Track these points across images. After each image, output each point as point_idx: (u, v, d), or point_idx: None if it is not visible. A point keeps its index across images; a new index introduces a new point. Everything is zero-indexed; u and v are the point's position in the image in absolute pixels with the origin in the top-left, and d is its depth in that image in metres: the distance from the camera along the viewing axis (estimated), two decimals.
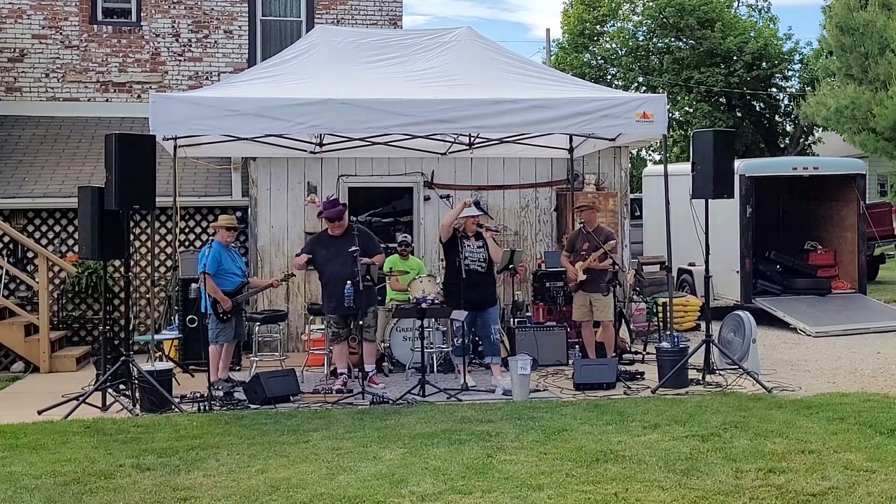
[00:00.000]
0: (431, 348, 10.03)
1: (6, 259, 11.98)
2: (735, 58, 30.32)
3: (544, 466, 6.12)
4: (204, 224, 12.55)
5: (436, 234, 12.28)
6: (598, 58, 33.34)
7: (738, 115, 31.73)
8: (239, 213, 12.32)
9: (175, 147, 9.93)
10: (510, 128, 9.51)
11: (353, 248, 8.94)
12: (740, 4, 34.75)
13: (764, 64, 30.87)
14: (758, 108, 32.58)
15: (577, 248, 10.13)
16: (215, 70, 14.81)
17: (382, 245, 11.67)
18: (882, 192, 31.07)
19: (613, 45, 33.33)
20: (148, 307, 11.80)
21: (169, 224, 12.36)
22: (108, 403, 8.42)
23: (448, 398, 8.60)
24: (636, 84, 32.28)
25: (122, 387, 8.63)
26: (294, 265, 9.21)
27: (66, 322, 12.07)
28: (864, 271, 14.64)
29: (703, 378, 9.20)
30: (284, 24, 15.22)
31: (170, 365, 9.19)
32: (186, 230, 12.60)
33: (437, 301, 9.90)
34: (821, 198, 15.17)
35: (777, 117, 33.06)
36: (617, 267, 9.84)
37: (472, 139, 11.53)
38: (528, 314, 11.29)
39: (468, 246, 9.51)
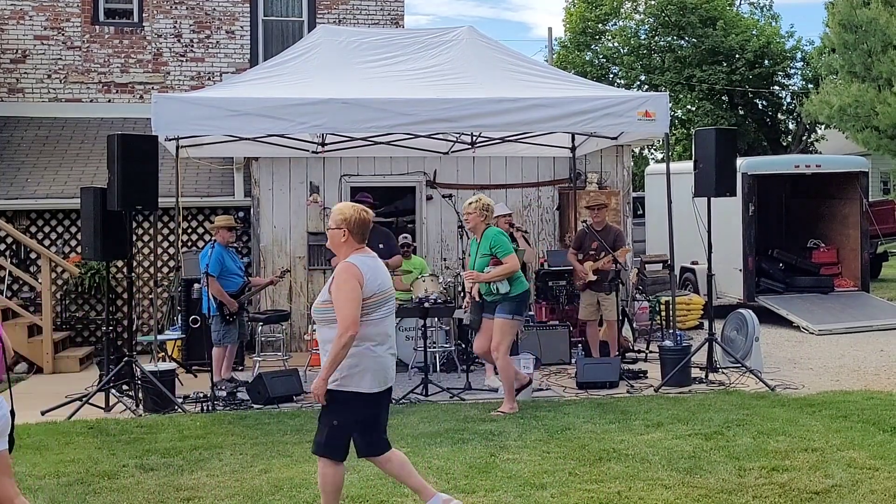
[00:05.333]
0: (434, 348, 10.04)
1: (9, 260, 12.00)
2: (737, 56, 30.30)
3: (547, 465, 6.12)
4: (207, 224, 12.55)
5: (438, 233, 12.32)
6: (600, 56, 33.33)
7: (741, 113, 31.71)
8: (241, 214, 12.34)
9: (177, 147, 9.94)
10: (512, 127, 9.50)
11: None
12: (742, 2, 34.73)
13: (766, 62, 30.86)
14: (760, 106, 32.56)
15: (585, 246, 10.12)
16: (217, 70, 14.81)
17: None
18: (885, 190, 31.06)
19: (615, 44, 33.32)
20: (151, 308, 11.81)
21: (171, 224, 12.37)
22: (111, 404, 8.44)
23: (451, 397, 8.60)
24: (638, 82, 32.26)
25: (125, 387, 8.64)
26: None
27: (69, 323, 12.09)
28: (867, 269, 14.63)
29: (706, 376, 9.19)
30: (286, 24, 15.22)
31: (173, 365, 9.21)
32: (189, 230, 12.61)
33: (439, 300, 9.90)
34: (823, 196, 15.15)
35: (779, 115, 33.04)
36: (619, 266, 9.83)
37: (475, 138, 11.52)
38: (531, 313, 11.28)
39: None
